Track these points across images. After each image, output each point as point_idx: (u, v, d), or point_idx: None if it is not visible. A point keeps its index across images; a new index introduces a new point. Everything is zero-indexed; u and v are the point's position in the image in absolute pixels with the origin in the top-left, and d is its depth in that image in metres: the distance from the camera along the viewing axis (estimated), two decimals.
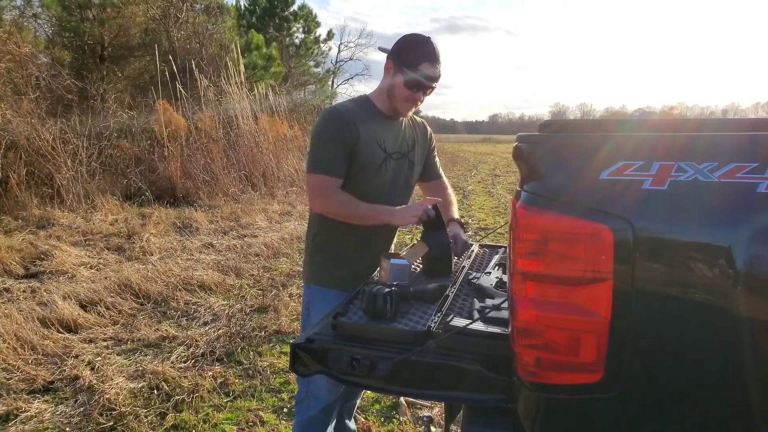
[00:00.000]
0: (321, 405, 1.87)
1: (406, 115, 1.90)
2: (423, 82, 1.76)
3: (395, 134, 1.90)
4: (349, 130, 1.76)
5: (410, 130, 1.97)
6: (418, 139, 2.00)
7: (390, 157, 1.86)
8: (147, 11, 12.26)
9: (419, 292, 1.47)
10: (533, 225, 0.95)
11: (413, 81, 1.75)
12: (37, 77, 9.02)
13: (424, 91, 1.80)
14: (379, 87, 1.88)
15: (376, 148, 1.82)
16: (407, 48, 1.77)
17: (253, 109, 10.29)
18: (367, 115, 1.83)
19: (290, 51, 23.24)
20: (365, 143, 1.79)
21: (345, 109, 1.83)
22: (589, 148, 0.95)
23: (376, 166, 1.83)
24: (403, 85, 1.77)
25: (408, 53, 1.76)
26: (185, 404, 2.74)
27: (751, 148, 0.89)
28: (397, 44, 1.80)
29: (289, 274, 5.02)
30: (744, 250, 0.84)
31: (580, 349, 0.93)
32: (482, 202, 10.12)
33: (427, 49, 1.75)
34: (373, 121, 1.84)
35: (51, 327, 3.50)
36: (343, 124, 1.76)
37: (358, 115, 1.80)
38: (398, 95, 1.80)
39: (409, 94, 1.78)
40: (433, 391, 1.23)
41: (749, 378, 0.88)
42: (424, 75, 1.75)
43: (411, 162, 1.96)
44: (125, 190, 8.07)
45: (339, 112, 1.81)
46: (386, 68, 1.82)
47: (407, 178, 1.96)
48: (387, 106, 1.85)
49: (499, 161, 22.21)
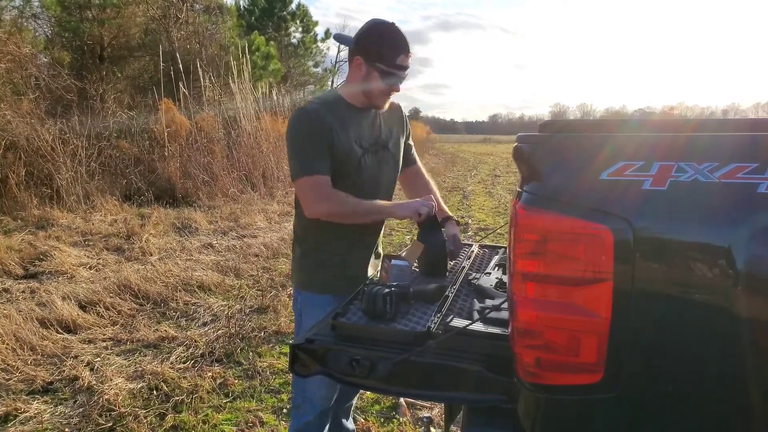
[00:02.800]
0: (317, 410, 1.84)
1: (384, 107, 1.84)
2: (400, 74, 1.72)
3: (369, 126, 1.83)
4: (323, 129, 1.70)
5: (385, 118, 1.90)
6: (393, 126, 1.93)
7: (367, 151, 1.80)
8: (147, 11, 12.27)
9: (419, 292, 1.47)
10: (533, 225, 0.95)
11: (390, 75, 1.70)
12: (37, 77, 9.03)
13: (400, 82, 1.76)
14: (349, 82, 1.80)
15: (351, 144, 1.76)
16: (378, 41, 1.70)
17: (256, 108, 10.29)
18: (338, 111, 1.77)
19: (289, 51, 23.25)
20: (340, 140, 1.73)
21: (314, 108, 1.76)
22: (589, 149, 0.95)
23: (355, 164, 1.77)
24: (380, 80, 1.72)
25: (380, 48, 1.69)
26: (184, 405, 2.73)
27: (752, 148, 0.89)
28: (364, 37, 1.73)
29: (289, 274, 5.02)
30: (744, 250, 0.84)
31: (580, 349, 0.93)
32: (482, 203, 10.13)
33: (398, 40, 1.70)
34: (346, 116, 1.78)
35: (50, 327, 3.50)
36: (317, 123, 1.71)
37: (328, 113, 1.74)
38: (375, 90, 1.75)
39: (386, 88, 1.74)
40: (433, 392, 1.23)
41: (749, 378, 0.88)
42: (400, 67, 1.71)
43: (390, 152, 1.89)
44: (125, 191, 8.07)
45: (308, 112, 1.74)
46: (355, 64, 1.74)
47: (389, 169, 1.89)
48: (362, 101, 1.79)
49: (499, 161, 22.21)
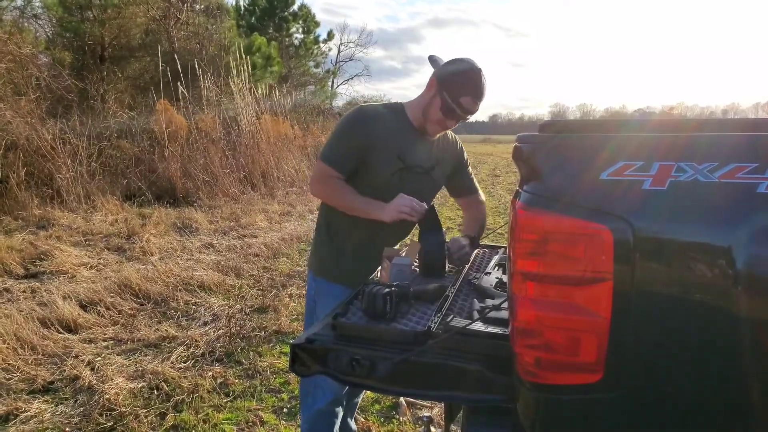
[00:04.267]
0: (329, 398, 1.87)
1: (433, 136, 1.89)
2: (459, 113, 1.76)
3: (421, 148, 1.87)
4: (367, 132, 1.76)
5: (438, 148, 1.94)
6: (445, 157, 1.97)
7: (408, 169, 1.84)
8: (147, 12, 12.28)
9: (419, 292, 1.47)
10: (533, 225, 0.95)
11: (450, 110, 1.75)
12: (38, 78, 9.03)
13: (456, 120, 1.80)
14: (417, 100, 1.87)
15: (392, 157, 1.80)
16: (455, 75, 1.74)
17: (256, 108, 10.30)
18: (394, 122, 1.82)
19: (290, 51, 23.26)
20: (382, 149, 1.78)
21: (373, 111, 1.82)
22: (589, 149, 0.95)
23: (388, 174, 1.81)
24: (439, 110, 1.77)
25: (454, 80, 1.73)
26: (185, 404, 2.73)
27: (752, 148, 0.89)
28: (447, 66, 1.77)
29: (289, 274, 5.02)
30: (744, 250, 0.84)
31: (580, 349, 0.93)
32: None
33: (473, 84, 1.73)
34: (400, 130, 1.83)
35: (51, 327, 3.50)
36: (364, 125, 1.77)
37: (384, 121, 1.80)
38: (431, 116, 1.80)
39: (441, 118, 1.78)
40: (434, 392, 1.23)
41: (749, 378, 0.88)
42: (462, 108, 1.75)
43: (432, 179, 1.92)
44: (125, 191, 8.07)
45: (365, 114, 1.81)
46: (429, 84, 1.80)
47: (426, 193, 1.90)
48: (419, 120, 1.85)
49: (499, 161, 22.21)
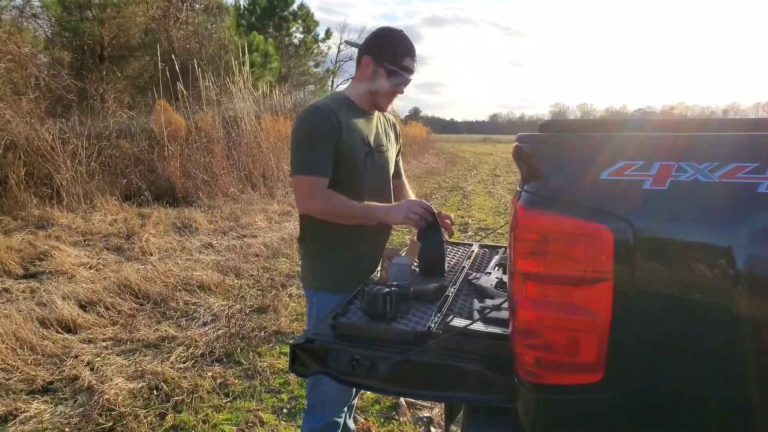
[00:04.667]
0: (335, 415, 1.86)
1: (386, 108, 1.94)
2: (405, 76, 1.81)
3: (374, 127, 1.92)
4: (332, 126, 1.74)
5: (383, 125, 1.99)
6: (390, 134, 2.02)
7: (374, 151, 1.87)
8: (147, 11, 12.27)
9: (419, 292, 1.47)
10: (533, 225, 0.95)
11: (396, 75, 1.80)
12: (37, 77, 9.03)
13: (405, 84, 1.85)
14: (356, 83, 1.88)
15: (359, 142, 1.81)
16: (387, 44, 1.81)
17: (255, 108, 10.29)
18: (347, 110, 1.83)
19: (290, 51, 23.25)
20: (349, 138, 1.78)
21: (325, 105, 1.80)
22: (589, 148, 0.95)
23: (360, 162, 1.82)
24: (387, 81, 1.81)
25: (388, 49, 1.80)
26: (185, 405, 2.73)
27: (752, 148, 0.89)
28: (373, 40, 1.84)
29: (289, 274, 5.02)
30: (744, 250, 0.84)
31: (580, 349, 0.93)
32: (482, 202, 10.13)
33: (406, 44, 1.81)
34: (353, 116, 1.84)
35: (50, 327, 3.50)
36: (327, 120, 1.74)
37: (338, 110, 1.79)
38: (381, 90, 1.83)
39: (391, 87, 1.83)
40: (434, 392, 1.23)
41: (750, 378, 0.88)
42: (406, 69, 1.81)
43: (389, 158, 1.97)
44: (125, 191, 8.06)
45: (320, 109, 1.78)
46: (363, 63, 1.84)
47: (387, 173, 1.96)
48: (367, 101, 1.87)
49: (499, 161, 22.21)
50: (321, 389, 1.80)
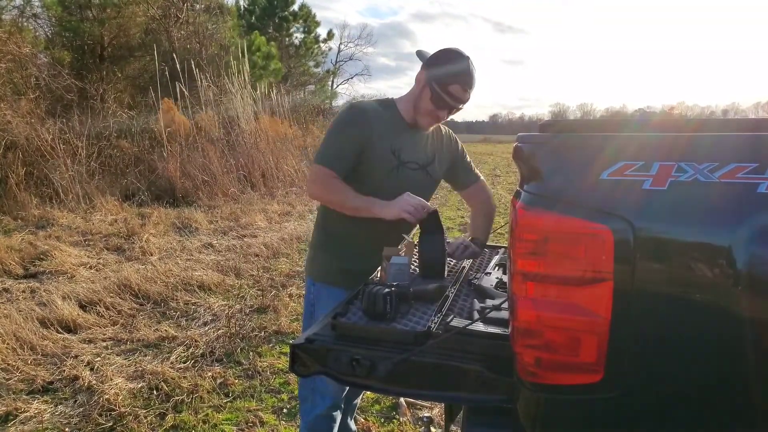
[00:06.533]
0: (328, 403, 1.85)
1: (427, 129, 1.87)
2: (449, 102, 1.73)
3: (415, 143, 1.85)
4: (362, 129, 1.73)
5: (432, 142, 1.92)
6: (441, 151, 1.94)
7: (403, 165, 1.81)
8: (147, 11, 12.27)
9: (419, 292, 1.47)
10: (533, 225, 0.95)
11: (439, 99, 1.73)
12: (37, 77, 9.03)
13: (448, 111, 1.77)
14: (407, 94, 1.85)
15: (388, 153, 1.78)
16: (443, 64, 1.73)
17: (255, 108, 10.29)
18: (388, 118, 1.80)
19: (290, 51, 23.27)
20: (378, 146, 1.76)
21: (367, 107, 1.80)
22: (589, 149, 0.95)
23: (386, 172, 1.79)
24: (429, 100, 1.74)
25: (442, 69, 1.72)
26: (185, 405, 2.73)
27: (752, 148, 0.89)
28: (434, 56, 1.76)
29: (289, 274, 5.02)
30: (744, 250, 0.84)
31: (581, 349, 0.93)
32: None
33: (461, 71, 1.72)
34: (393, 126, 1.81)
35: (50, 327, 3.50)
36: (359, 122, 1.74)
37: (378, 117, 1.77)
38: (422, 108, 1.77)
39: (432, 109, 1.76)
40: (434, 392, 1.23)
41: (750, 378, 0.88)
42: (451, 96, 1.72)
43: (428, 175, 1.90)
44: (124, 190, 8.06)
45: (360, 109, 1.78)
46: (418, 77, 1.78)
47: (423, 190, 1.85)
48: (410, 114, 1.82)
49: (499, 161, 22.19)
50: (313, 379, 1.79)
